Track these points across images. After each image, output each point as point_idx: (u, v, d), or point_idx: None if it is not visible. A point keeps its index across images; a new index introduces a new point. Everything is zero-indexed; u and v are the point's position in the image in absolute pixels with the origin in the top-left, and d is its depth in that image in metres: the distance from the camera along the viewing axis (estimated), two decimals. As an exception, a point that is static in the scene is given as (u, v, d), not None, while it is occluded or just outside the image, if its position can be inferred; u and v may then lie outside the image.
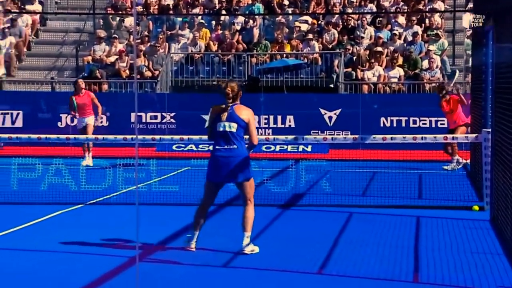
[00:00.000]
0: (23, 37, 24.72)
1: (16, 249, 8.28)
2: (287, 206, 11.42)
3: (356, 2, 24.74)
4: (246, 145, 8.10)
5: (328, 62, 22.74)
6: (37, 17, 25.81)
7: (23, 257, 7.96)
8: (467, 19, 23.62)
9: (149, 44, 23.61)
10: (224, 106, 7.95)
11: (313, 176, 13.71)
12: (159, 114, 20.97)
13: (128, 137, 12.76)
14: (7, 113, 21.12)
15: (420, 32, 23.17)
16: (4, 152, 18.57)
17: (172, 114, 20.90)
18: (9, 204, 11.27)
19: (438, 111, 16.35)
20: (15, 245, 8.48)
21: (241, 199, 8.14)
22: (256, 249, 8.03)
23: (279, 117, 20.62)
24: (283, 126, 20.46)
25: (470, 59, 17.74)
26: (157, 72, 22.70)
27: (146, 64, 22.90)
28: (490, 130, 10.56)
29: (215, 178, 8.02)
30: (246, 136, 8.16)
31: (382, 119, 20.15)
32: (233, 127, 7.89)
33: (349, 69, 22.36)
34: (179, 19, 24.88)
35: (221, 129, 7.91)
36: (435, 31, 23.33)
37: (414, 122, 20.00)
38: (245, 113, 7.96)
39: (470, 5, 22.14)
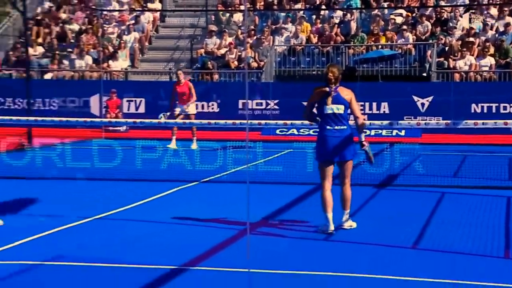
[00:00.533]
0: (145, 32, 25.36)
1: (140, 220, 8.53)
2: (382, 186, 11.25)
3: (450, -5, 24.07)
4: (354, 127, 7.88)
5: (421, 52, 22.17)
6: (157, 14, 26.38)
7: (146, 227, 8.17)
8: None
9: (255, 37, 23.70)
10: (328, 89, 7.72)
11: (406, 158, 13.48)
12: (263, 101, 21.12)
13: (237, 121, 12.88)
14: (132, 101, 21.79)
15: (512, 23, 22.29)
16: (129, 135, 19.18)
17: (276, 101, 21.01)
18: (134, 181, 11.58)
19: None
20: (139, 217, 8.73)
21: (339, 178, 7.94)
22: (354, 225, 7.96)
23: (374, 104, 20.37)
24: (378, 112, 20.20)
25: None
26: (262, 63, 22.78)
27: (253, 55, 23.02)
28: None
29: (326, 157, 7.77)
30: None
31: (473, 105, 19.56)
32: (340, 109, 7.70)
33: (441, 59, 21.73)
34: (283, 14, 24.87)
35: (330, 111, 7.70)
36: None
37: (505, 108, 19.31)
38: (346, 93, 7.78)
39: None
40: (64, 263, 6.48)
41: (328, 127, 7.75)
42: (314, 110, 7.93)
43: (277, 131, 19.47)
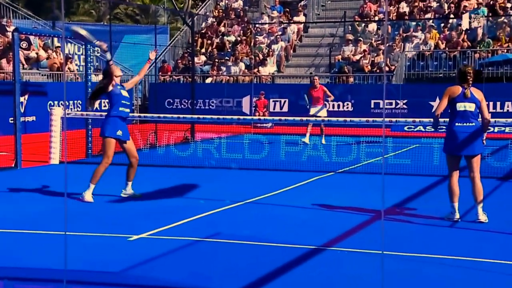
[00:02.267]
0: (291, 41, 25.49)
1: (284, 204, 8.55)
2: (506, 178, 10.59)
3: None
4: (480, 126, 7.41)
5: (545, 55, 20.70)
6: (301, 26, 26.45)
7: (289, 210, 8.18)
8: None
9: (387, 44, 23.14)
10: (461, 88, 7.32)
11: (529, 154, 12.60)
12: (393, 101, 20.64)
13: (370, 119, 12.61)
14: (277, 101, 22.03)
15: None
16: (274, 131, 19.38)
17: (405, 101, 20.48)
18: (278, 170, 11.64)
19: None
20: (283, 201, 8.76)
21: (468, 172, 7.44)
22: (487, 219, 7.31)
23: (498, 103, 19.34)
24: (501, 111, 19.17)
25: None
26: (393, 67, 22.22)
27: (385, 60, 22.50)
28: None
29: (455, 151, 7.35)
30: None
31: None
32: (472, 107, 7.29)
33: None
34: (413, 23, 24.09)
35: (462, 108, 7.29)
36: None
37: None
38: (478, 93, 7.36)
39: None
40: (221, 240, 6.61)
41: (457, 123, 7.34)
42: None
43: (405, 128, 18.96)
